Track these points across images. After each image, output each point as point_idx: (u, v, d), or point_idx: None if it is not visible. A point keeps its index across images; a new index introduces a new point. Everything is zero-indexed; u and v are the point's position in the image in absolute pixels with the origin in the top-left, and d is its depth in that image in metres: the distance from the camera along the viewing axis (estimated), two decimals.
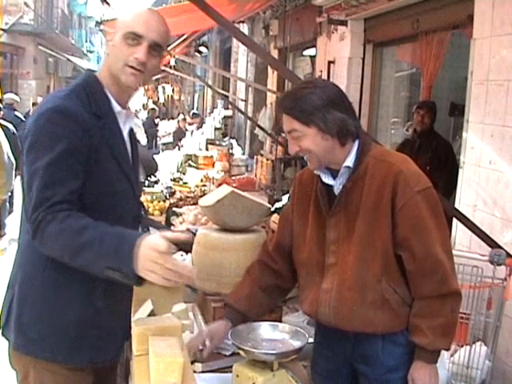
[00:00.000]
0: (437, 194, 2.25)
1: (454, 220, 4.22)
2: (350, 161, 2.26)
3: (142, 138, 10.32)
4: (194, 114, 16.99)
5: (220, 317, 2.58)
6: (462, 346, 3.53)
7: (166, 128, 17.38)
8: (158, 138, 17.39)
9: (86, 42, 44.22)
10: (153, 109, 18.81)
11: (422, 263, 2.17)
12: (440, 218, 2.21)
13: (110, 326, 2.21)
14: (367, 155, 2.26)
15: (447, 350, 2.26)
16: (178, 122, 15.51)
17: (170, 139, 15.75)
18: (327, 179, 2.31)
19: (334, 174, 2.30)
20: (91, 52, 45.86)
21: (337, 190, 2.30)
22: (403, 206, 2.16)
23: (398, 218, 2.17)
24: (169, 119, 20.16)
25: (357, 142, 2.28)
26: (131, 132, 2.31)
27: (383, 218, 2.18)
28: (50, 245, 1.90)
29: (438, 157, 5.84)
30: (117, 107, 2.16)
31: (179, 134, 14.61)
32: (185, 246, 3.84)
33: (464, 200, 4.54)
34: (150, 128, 15.62)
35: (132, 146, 2.30)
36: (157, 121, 18.73)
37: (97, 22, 11.63)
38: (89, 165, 1.99)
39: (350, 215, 2.25)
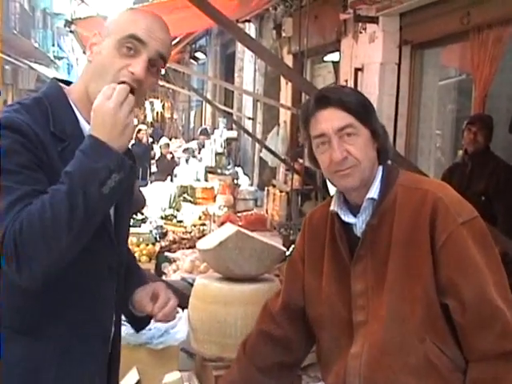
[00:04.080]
0: (486, 226, 2.23)
1: None
2: (373, 191, 2.25)
3: None
4: (202, 130, 16.95)
5: None
6: None
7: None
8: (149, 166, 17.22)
9: (53, 45, 44.46)
10: (140, 129, 18.82)
11: (475, 312, 2.12)
12: (492, 255, 2.18)
13: None
14: (395, 183, 2.26)
15: None
16: (161, 147, 15.45)
17: (153, 169, 15.63)
18: (347, 217, 2.30)
19: (354, 211, 2.30)
20: (60, 58, 46.02)
21: (359, 229, 2.28)
22: (446, 242, 2.13)
23: (440, 256, 2.14)
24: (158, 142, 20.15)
25: (380, 168, 2.30)
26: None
27: (421, 258, 2.16)
28: (40, 250, 1.83)
29: (496, 184, 5.81)
30: (88, 127, 2.04)
31: (165, 164, 14.54)
32: (179, 300, 3.84)
33: None
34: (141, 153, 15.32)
35: None
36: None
37: (66, 21, 11.63)
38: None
39: (378, 259, 2.23)
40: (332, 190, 2.37)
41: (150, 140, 18.01)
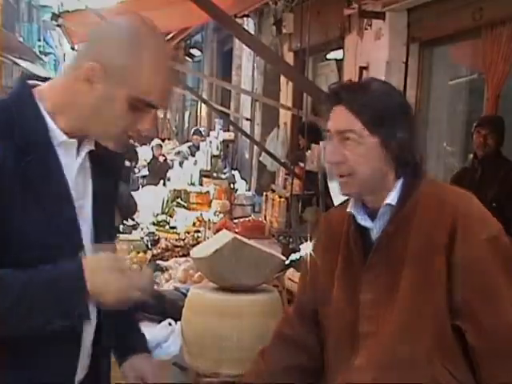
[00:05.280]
0: (510, 244, 2.19)
1: None
2: (392, 197, 2.23)
3: None
4: (195, 130, 16.94)
5: None
6: None
7: (143, 156, 17.37)
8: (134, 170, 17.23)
9: (39, 40, 44.35)
10: None
11: (492, 338, 2.09)
12: None
13: None
14: (416, 191, 2.23)
15: None
16: (153, 148, 15.41)
17: (145, 172, 15.55)
18: (364, 220, 2.28)
19: (372, 215, 2.28)
20: (46, 54, 45.83)
21: (375, 234, 2.27)
22: (464, 259, 2.10)
23: (456, 274, 2.11)
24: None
25: (401, 177, 2.26)
26: (107, 161, 2.14)
27: (436, 274, 2.13)
28: None
29: (508, 190, 5.81)
30: (60, 136, 2.01)
31: (158, 167, 14.53)
32: (172, 312, 3.84)
33: None
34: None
35: (98, 181, 2.15)
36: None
37: (53, 14, 11.59)
38: None
39: (391, 269, 2.21)
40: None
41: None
